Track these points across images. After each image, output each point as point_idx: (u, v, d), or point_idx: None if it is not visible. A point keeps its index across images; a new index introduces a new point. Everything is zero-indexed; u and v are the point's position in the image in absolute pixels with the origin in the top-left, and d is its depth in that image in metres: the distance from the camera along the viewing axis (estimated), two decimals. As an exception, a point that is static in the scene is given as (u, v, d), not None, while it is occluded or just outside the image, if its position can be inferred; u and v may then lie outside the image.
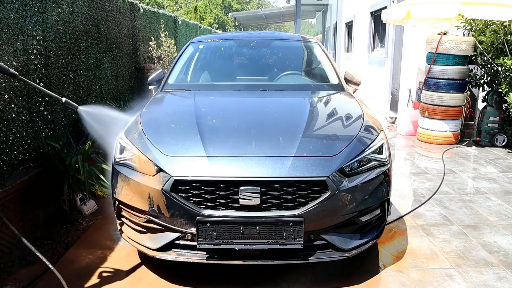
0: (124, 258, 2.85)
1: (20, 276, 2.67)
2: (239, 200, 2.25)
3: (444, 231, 3.25)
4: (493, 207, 3.73)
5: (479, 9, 5.23)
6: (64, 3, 4.26)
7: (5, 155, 3.15)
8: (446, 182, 4.42)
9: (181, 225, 2.33)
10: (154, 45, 7.43)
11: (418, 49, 7.01)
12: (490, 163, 5.14)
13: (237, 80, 3.82)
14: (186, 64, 3.98)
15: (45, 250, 2.98)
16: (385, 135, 2.76)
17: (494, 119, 5.80)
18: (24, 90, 3.43)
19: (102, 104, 5.32)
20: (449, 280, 2.58)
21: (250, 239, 2.26)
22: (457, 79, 5.90)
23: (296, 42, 4.31)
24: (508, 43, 5.44)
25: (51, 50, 3.98)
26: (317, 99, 3.33)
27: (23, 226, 3.06)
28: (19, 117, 3.37)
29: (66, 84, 4.29)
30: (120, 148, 2.65)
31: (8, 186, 2.93)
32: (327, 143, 2.53)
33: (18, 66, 3.36)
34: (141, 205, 2.42)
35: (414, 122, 6.69)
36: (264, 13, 21.82)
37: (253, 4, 38.75)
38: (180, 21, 9.95)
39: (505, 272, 2.67)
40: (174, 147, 2.48)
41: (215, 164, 2.35)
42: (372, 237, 2.53)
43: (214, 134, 2.60)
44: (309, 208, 2.27)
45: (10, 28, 3.25)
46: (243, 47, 4.24)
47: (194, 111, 2.92)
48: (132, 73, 6.70)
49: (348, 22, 13.59)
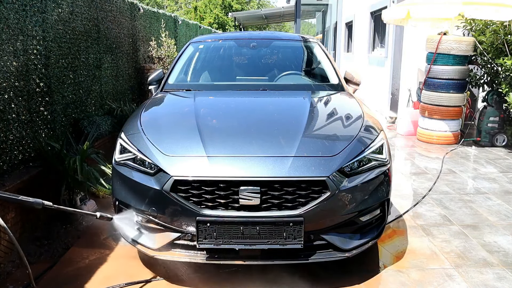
0: (124, 258, 2.85)
1: (20, 276, 2.67)
2: (239, 200, 2.25)
3: (444, 231, 3.25)
4: (493, 207, 3.73)
5: (479, 9, 5.23)
6: (64, 3, 4.26)
7: (5, 155, 3.15)
8: (446, 182, 4.42)
9: (181, 225, 2.33)
10: (154, 45, 7.43)
11: (418, 49, 7.01)
12: (490, 163, 5.14)
13: (237, 80, 3.82)
14: (186, 64, 3.98)
15: (45, 250, 2.98)
16: (385, 135, 2.76)
17: (494, 119, 5.80)
18: (24, 90, 3.44)
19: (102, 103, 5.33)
20: (449, 280, 2.58)
21: (250, 239, 2.26)
22: (457, 79, 5.90)
23: (296, 42, 4.31)
24: (508, 43, 5.44)
25: (51, 50, 3.98)
26: (317, 99, 3.33)
27: (23, 226, 3.06)
28: (19, 117, 3.37)
29: (66, 84, 4.29)
30: (120, 148, 2.65)
31: (8, 186, 2.93)
32: (327, 143, 2.53)
33: (18, 66, 3.36)
34: (141, 205, 2.42)
35: (414, 122, 6.69)
36: (264, 13, 21.80)
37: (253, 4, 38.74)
38: (180, 21, 9.95)
39: (505, 272, 2.67)
40: (174, 147, 2.48)
41: (215, 164, 2.35)
42: (372, 237, 2.53)
43: (214, 134, 2.61)
44: (309, 208, 2.27)
45: (10, 28, 3.24)
46: (243, 47, 4.24)
47: (194, 111, 2.92)
48: (132, 73, 6.70)
49: (348, 22, 13.59)
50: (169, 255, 2.40)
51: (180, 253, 2.39)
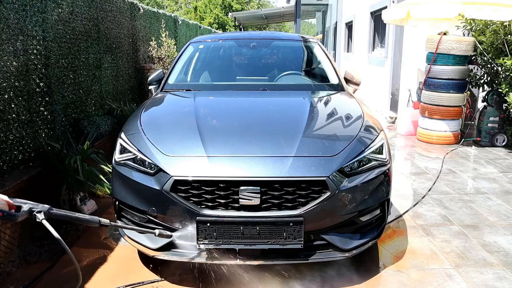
0: (124, 258, 2.85)
1: (20, 276, 2.67)
2: (239, 200, 2.25)
3: (444, 231, 3.25)
4: (493, 207, 3.73)
5: (479, 9, 5.23)
6: (64, 3, 4.26)
7: (5, 155, 3.15)
8: (446, 182, 4.42)
9: (181, 225, 2.33)
10: (154, 45, 7.42)
11: (418, 49, 7.01)
12: (490, 163, 5.14)
13: (237, 80, 3.82)
14: (186, 64, 3.98)
15: (45, 250, 2.98)
16: (385, 135, 2.76)
17: (494, 119, 5.80)
18: (24, 90, 3.44)
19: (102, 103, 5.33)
20: (449, 280, 2.58)
21: (250, 239, 2.26)
22: (457, 79, 5.90)
23: (296, 42, 4.31)
24: (508, 43, 5.44)
25: (51, 50, 3.98)
26: (317, 99, 3.33)
27: (23, 226, 3.06)
28: (19, 117, 3.37)
29: (66, 84, 4.29)
30: (120, 148, 2.65)
31: (8, 186, 2.93)
32: (327, 143, 2.52)
33: (18, 66, 3.36)
34: (141, 205, 2.42)
35: (414, 122, 6.69)
36: (264, 13, 21.80)
37: (253, 4, 38.74)
38: (180, 21, 9.94)
39: (505, 272, 2.67)
40: (174, 147, 2.48)
41: (215, 164, 2.35)
42: (372, 237, 2.53)
43: (214, 134, 2.60)
44: (309, 208, 2.27)
45: (10, 28, 3.25)
46: (243, 47, 4.24)
47: (194, 111, 2.92)
48: (132, 73, 6.70)
49: (348, 22, 13.59)
50: (169, 255, 2.40)
51: (180, 253, 2.39)
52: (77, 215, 1.69)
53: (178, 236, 2.37)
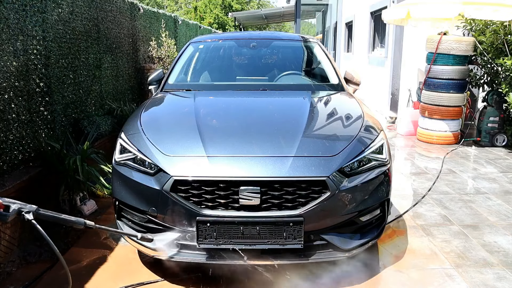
0: (124, 258, 2.85)
1: (20, 276, 2.67)
2: (239, 200, 2.25)
3: (444, 231, 3.25)
4: (493, 207, 3.73)
5: (479, 9, 5.23)
6: (64, 3, 4.26)
7: (5, 155, 3.15)
8: (446, 182, 4.42)
9: (181, 225, 2.33)
10: (154, 45, 7.42)
11: (418, 49, 7.01)
12: (490, 163, 5.14)
13: (237, 80, 3.82)
14: (186, 64, 3.98)
15: (45, 250, 2.97)
16: (385, 135, 2.76)
17: (494, 119, 5.80)
18: (24, 90, 3.44)
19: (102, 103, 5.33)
20: (449, 280, 2.58)
21: (250, 239, 2.26)
22: (457, 79, 5.90)
23: (296, 42, 4.31)
24: (508, 43, 5.44)
25: (51, 50, 3.98)
26: (317, 99, 3.33)
27: (23, 226, 3.06)
28: (19, 117, 3.37)
29: (66, 84, 4.29)
30: (120, 148, 2.65)
31: (8, 186, 2.93)
32: (327, 143, 2.52)
33: (18, 66, 3.36)
34: (141, 205, 2.42)
35: (414, 122, 6.69)
36: (264, 13, 21.80)
37: (253, 4, 38.74)
38: (180, 21, 9.94)
39: (505, 272, 2.67)
40: (174, 147, 2.48)
41: (215, 164, 2.35)
42: (372, 237, 2.53)
43: (214, 134, 2.60)
44: (309, 208, 2.27)
45: (10, 28, 3.25)
46: (243, 47, 4.24)
47: (194, 111, 2.92)
48: (132, 73, 6.70)
49: (348, 22, 13.59)
50: (169, 255, 2.40)
51: (180, 253, 2.39)
52: (64, 217, 1.69)
53: (178, 236, 2.37)
